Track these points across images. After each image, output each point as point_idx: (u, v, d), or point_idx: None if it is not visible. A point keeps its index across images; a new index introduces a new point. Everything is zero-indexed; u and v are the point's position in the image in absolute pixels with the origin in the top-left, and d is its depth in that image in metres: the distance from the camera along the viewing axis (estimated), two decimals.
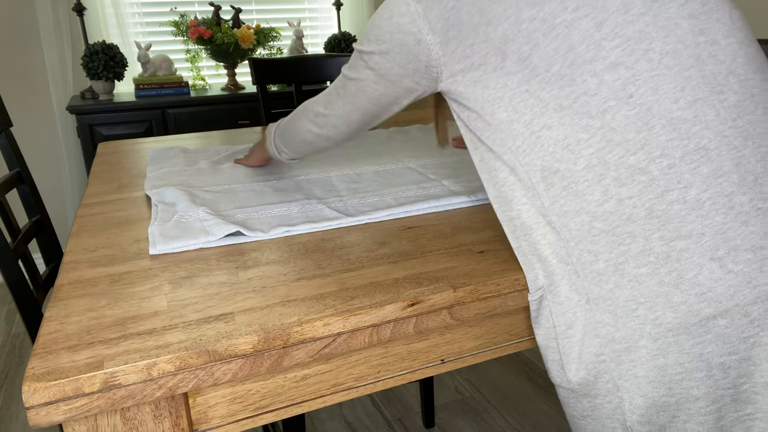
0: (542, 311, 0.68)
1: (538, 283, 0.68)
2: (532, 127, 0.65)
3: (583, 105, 0.62)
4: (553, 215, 0.65)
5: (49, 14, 2.39)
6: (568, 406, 0.69)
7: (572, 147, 0.63)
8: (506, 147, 0.67)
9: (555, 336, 0.67)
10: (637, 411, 0.62)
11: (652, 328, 0.60)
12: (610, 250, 0.62)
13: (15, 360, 2.10)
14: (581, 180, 0.63)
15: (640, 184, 0.61)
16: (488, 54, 0.66)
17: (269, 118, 1.83)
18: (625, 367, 0.62)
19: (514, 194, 0.68)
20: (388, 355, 0.71)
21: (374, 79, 0.77)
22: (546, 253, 0.66)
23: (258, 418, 0.67)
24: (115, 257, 0.79)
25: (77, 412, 0.54)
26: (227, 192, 1.04)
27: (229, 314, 0.63)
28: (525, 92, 0.64)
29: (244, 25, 2.52)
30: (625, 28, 0.63)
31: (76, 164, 2.57)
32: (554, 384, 0.70)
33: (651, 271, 0.60)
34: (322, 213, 0.92)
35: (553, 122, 0.64)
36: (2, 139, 1.19)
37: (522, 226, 0.68)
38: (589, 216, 0.62)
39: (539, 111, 0.64)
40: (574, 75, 0.63)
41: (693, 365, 0.60)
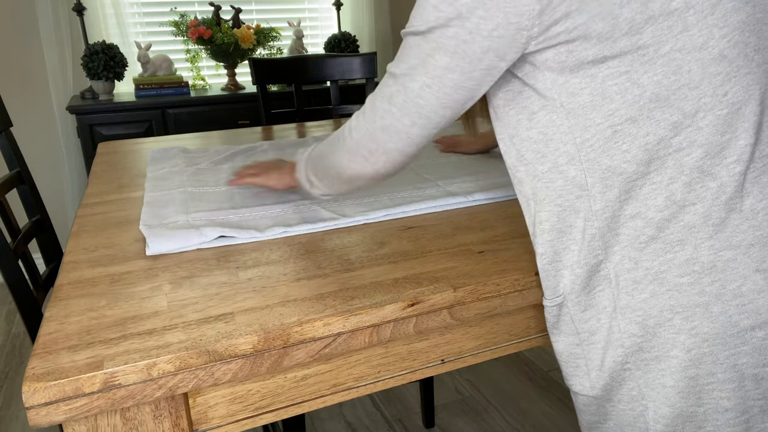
0: (563, 318, 0.67)
1: (559, 290, 0.66)
2: (614, 119, 0.59)
3: (681, 99, 0.58)
4: (600, 220, 0.62)
5: (49, 14, 2.39)
6: (587, 413, 0.68)
7: (650, 147, 0.59)
8: (570, 138, 0.61)
9: (579, 342, 0.66)
10: (662, 420, 0.61)
11: (686, 338, 0.59)
12: (654, 258, 0.60)
13: (15, 360, 2.10)
14: (648, 183, 0.59)
15: (708, 190, 0.58)
16: (597, 16, 0.55)
17: (269, 118, 1.83)
18: (653, 376, 0.61)
19: (547, 193, 0.65)
20: (388, 355, 0.71)
21: (447, 64, 0.60)
22: (574, 260, 0.64)
23: (258, 418, 0.67)
24: (115, 257, 0.79)
25: (77, 412, 0.54)
26: (225, 192, 1.04)
27: (229, 314, 0.63)
28: (624, 74, 0.57)
29: (244, 25, 2.52)
30: (732, 16, 0.57)
31: (76, 164, 2.57)
32: (573, 392, 0.69)
33: (694, 280, 0.59)
34: (318, 214, 0.92)
35: (641, 115, 0.58)
36: (2, 139, 1.19)
37: (548, 231, 0.65)
38: (644, 222, 0.60)
39: (631, 99, 0.58)
40: (682, 62, 0.57)
41: (726, 376, 0.59)
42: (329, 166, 0.78)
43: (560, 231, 0.65)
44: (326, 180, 0.81)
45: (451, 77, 0.61)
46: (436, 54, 0.61)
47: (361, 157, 0.72)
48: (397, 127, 0.67)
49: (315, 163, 0.82)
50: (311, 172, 0.83)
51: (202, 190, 1.05)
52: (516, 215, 0.92)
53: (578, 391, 0.67)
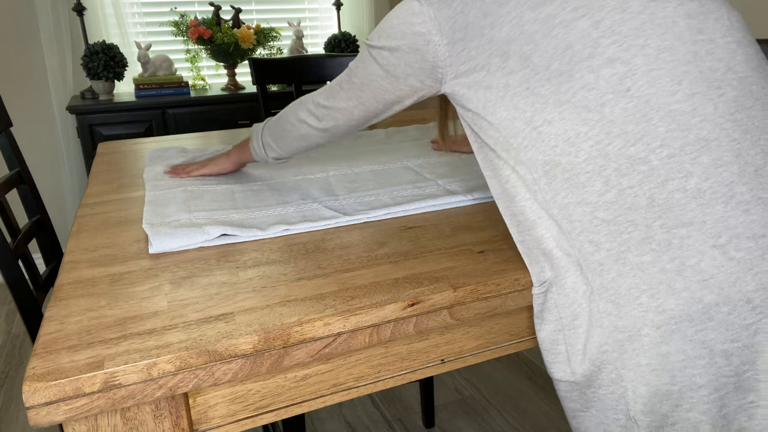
0: (547, 304, 0.68)
1: (543, 277, 0.68)
2: (533, 123, 0.66)
3: (582, 99, 0.64)
4: (555, 208, 0.66)
5: (49, 14, 2.39)
6: (569, 400, 0.69)
7: (573, 140, 0.65)
8: (508, 144, 0.69)
9: (561, 328, 0.67)
10: (640, 400, 0.62)
11: (654, 316, 0.61)
12: (612, 239, 0.63)
13: (15, 360, 2.10)
14: (582, 172, 0.64)
15: (640, 173, 0.62)
16: (492, 55, 0.68)
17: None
18: (628, 356, 0.62)
19: (516, 191, 0.69)
20: (388, 355, 0.71)
21: (381, 75, 0.78)
22: (549, 246, 0.67)
23: (258, 418, 0.67)
24: (115, 257, 0.79)
25: (77, 412, 0.54)
26: (225, 192, 1.04)
27: (229, 314, 0.63)
28: (526, 90, 0.66)
29: (244, 25, 2.52)
30: (622, 26, 0.65)
31: (76, 164, 2.57)
32: (555, 379, 0.70)
33: (653, 258, 0.61)
34: (319, 212, 0.93)
35: (554, 117, 0.65)
36: (2, 139, 1.19)
37: (525, 222, 0.69)
38: (591, 206, 0.64)
39: (540, 107, 0.66)
40: (572, 71, 0.64)
41: (696, 352, 0.60)
42: (286, 126, 0.93)
43: (531, 222, 0.69)
44: (282, 140, 0.95)
45: (382, 84, 0.79)
46: (376, 65, 0.78)
47: (314, 117, 0.88)
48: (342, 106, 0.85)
49: (273, 129, 0.96)
50: (270, 139, 0.97)
51: (202, 188, 1.06)
52: None
53: (560, 378, 0.69)
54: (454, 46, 0.70)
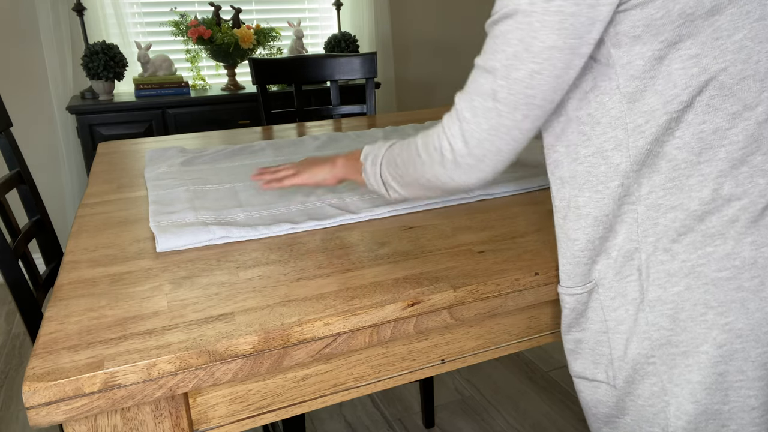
0: (592, 304, 0.66)
1: (589, 277, 0.65)
2: (672, 105, 0.57)
3: (744, 89, 0.57)
4: (642, 206, 0.61)
5: (49, 14, 2.39)
6: (603, 406, 0.67)
7: (705, 136, 0.58)
8: (620, 122, 0.60)
9: (606, 330, 0.65)
10: (684, 417, 0.61)
11: (719, 334, 0.59)
12: (693, 251, 0.59)
13: (15, 360, 2.10)
14: (696, 174, 0.58)
15: (756, 186, 0.58)
16: None
17: (269, 118, 1.83)
18: (678, 372, 0.60)
19: (587, 178, 0.63)
20: (388, 355, 0.71)
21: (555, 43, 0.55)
22: (611, 246, 0.63)
23: (258, 418, 0.67)
24: (115, 257, 0.79)
25: (77, 412, 0.54)
26: (227, 191, 1.04)
27: (230, 314, 0.63)
28: (693, 57, 0.56)
29: (244, 25, 2.52)
30: None
31: (76, 164, 2.57)
32: (591, 380, 0.67)
33: (732, 275, 0.58)
34: (324, 211, 0.93)
35: (701, 102, 0.57)
36: (2, 139, 1.19)
37: (584, 217, 0.64)
38: (685, 213, 0.59)
39: (695, 85, 0.57)
40: (752, 52, 0.56)
41: (756, 374, 0.59)
42: (418, 177, 0.72)
43: (596, 218, 0.63)
44: (411, 188, 0.75)
45: (560, 57, 0.56)
46: (540, 34, 0.55)
47: (465, 168, 0.65)
48: (507, 125, 0.60)
49: (397, 171, 0.76)
50: (390, 178, 0.77)
51: (204, 188, 1.06)
52: (516, 215, 0.91)
53: (602, 380, 0.66)
54: None
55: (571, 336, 0.69)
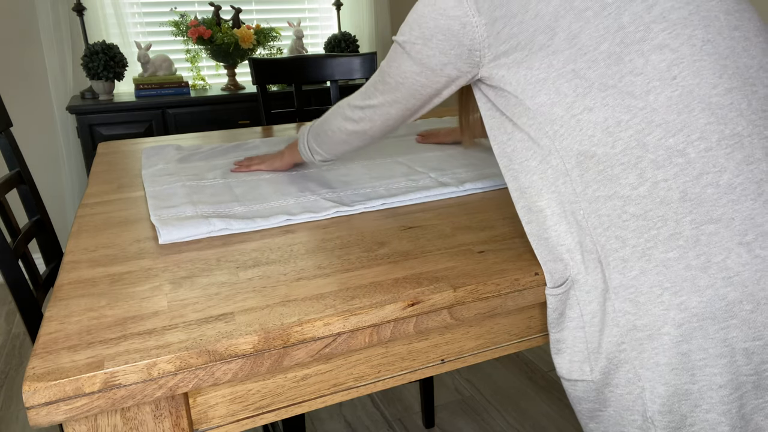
0: (569, 302, 0.68)
1: (564, 275, 0.68)
2: (573, 110, 0.64)
3: (628, 84, 0.63)
4: (584, 201, 0.65)
5: (49, 14, 2.39)
6: (586, 401, 0.69)
7: (611, 129, 0.63)
8: (543, 132, 0.67)
9: (583, 326, 0.67)
10: (658, 400, 0.62)
11: (676, 314, 0.60)
12: (639, 235, 0.62)
13: (15, 360, 2.10)
14: (617, 163, 0.63)
15: (676, 166, 0.61)
16: (536, 32, 0.65)
17: (269, 118, 1.83)
18: (647, 355, 0.62)
19: (543, 183, 0.68)
20: (388, 355, 0.71)
21: (416, 70, 0.74)
22: (571, 243, 0.67)
23: (258, 418, 0.67)
24: (115, 257, 0.79)
25: (77, 412, 0.54)
26: (223, 186, 1.06)
27: (230, 314, 0.63)
28: (571, 72, 0.64)
29: (244, 25, 2.52)
30: (672, 13, 0.64)
31: (76, 164, 2.57)
32: (572, 380, 0.69)
33: (679, 255, 0.60)
34: (318, 203, 0.95)
35: (595, 103, 0.63)
36: (2, 139, 1.19)
37: (546, 218, 0.68)
38: (622, 200, 0.63)
39: (582, 92, 0.64)
40: (622, 54, 0.63)
41: (717, 351, 0.60)
42: (328, 130, 0.93)
43: (559, 215, 0.67)
44: (326, 145, 0.95)
45: (418, 79, 0.75)
46: (409, 61, 0.74)
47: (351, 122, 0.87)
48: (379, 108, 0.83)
49: (316, 132, 0.97)
50: (312, 141, 0.98)
51: (200, 183, 1.08)
52: (516, 215, 0.92)
53: (578, 377, 0.68)
54: (493, 25, 0.67)
55: (553, 336, 0.71)
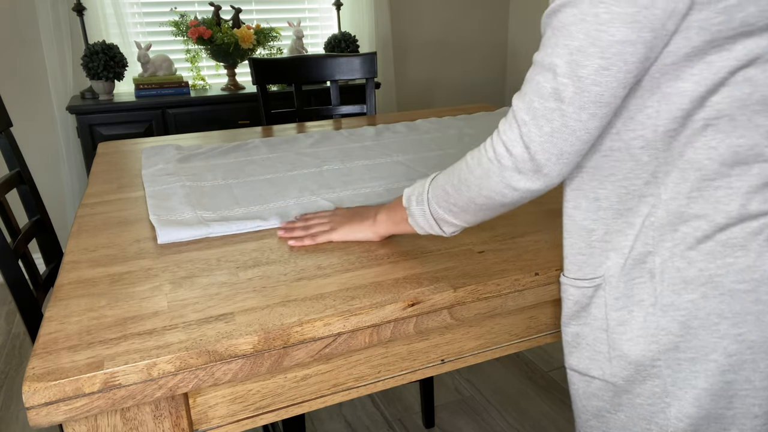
0: (596, 300, 0.65)
1: (600, 272, 0.64)
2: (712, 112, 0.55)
3: None
4: (663, 210, 0.59)
5: (49, 14, 2.39)
6: (597, 398, 0.67)
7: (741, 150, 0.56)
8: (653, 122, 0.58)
9: (606, 328, 0.64)
10: (686, 419, 0.61)
11: (730, 344, 0.58)
12: (712, 260, 0.58)
13: (15, 360, 2.10)
14: (724, 186, 0.57)
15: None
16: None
17: (269, 118, 1.83)
18: (684, 376, 0.60)
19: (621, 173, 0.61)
20: (388, 355, 0.71)
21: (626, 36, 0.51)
22: (625, 245, 0.62)
23: (258, 418, 0.67)
24: (115, 257, 0.79)
25: (77, 412, 0.54)
26: (222, 187, 1.06)
27: (229, 314, 0.63)
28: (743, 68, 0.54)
29: (244, 25, 2.52)
30: None
31: (76, 164, 2.56)
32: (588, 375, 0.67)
33: (751, 288, 0.58)
34: (318, 204, 0.96)
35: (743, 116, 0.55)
36: (2, 139, 1.19)
37: (604, 209, 0.62)
38: (710, 225, 0.58)
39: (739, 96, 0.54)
40: None
41: (762, 384, 0.59)
42: (474, 197, 0.66)
43: (618, 212, 0.62)
44: (466, 214, 0.69)
45: (633, 51, 0.52)
46: (611, 26, 0.50)
47: (528, 174, 0.60)
48: (572, 126, 0.56)
49: (448, 199, 0.69)
50: (442, 211, 0.71)
51: (200, 184, 1.08)
52: (516, 215, 0.91)
53: (597, 375, 0.66)
54: None
55: (571, 329, 0.69)
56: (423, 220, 0.73)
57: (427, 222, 0.73)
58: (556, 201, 0.97)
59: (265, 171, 1.16)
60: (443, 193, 0.70)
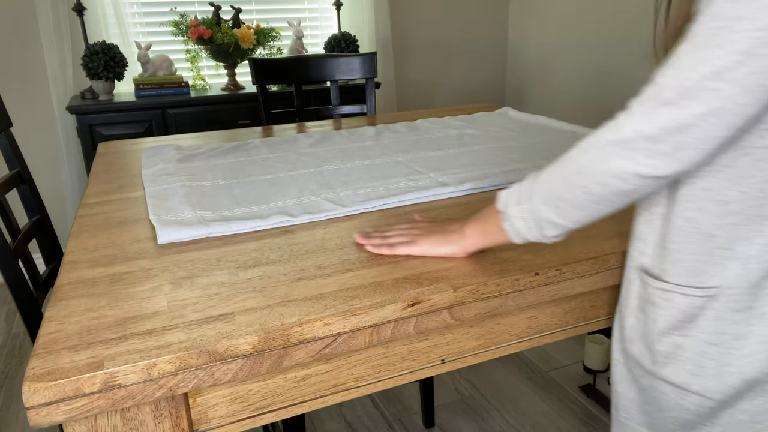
0: (706, 312, 0.60)
1: (714, 281, 0.59)
2: None
3: None
4: None
5: (49, 14, 2.39)
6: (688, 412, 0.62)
7: None
8: None
9: (716, 342, 0.60)
10: None
11: None
12: None
13: (15, 360, 2.10)
14: None
15: None
16: None
17: (269, 118, 1.83)
18: None
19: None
20: (388, 355, 0.71)
21: None
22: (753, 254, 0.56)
23: (258, 418, 0.67)
24: (115, 257, 0.79)
25: (77, 412, 0.54)
26: (222, 187, 1.06)
27: (230, 314, 0.63)
28: None
29: (244, 25, 2.52)
30: None
31: (76, 164, 2.56)
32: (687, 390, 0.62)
33: None
34: (318, 204, 0.95)
35: None
36: (2, 139, 1.19)
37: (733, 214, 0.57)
38: None
39: None
40: None
41: None
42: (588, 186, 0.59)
43: (749, 218, 0.56)
44: (574, 210, 0.62)
45: None
46: None
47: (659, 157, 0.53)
48: (729, 110, 0.50)
49: (553, 192, 0.63)
50: (546, 208, 0.64)
51: (200, 184, 1.08)
52: None
53: (695, 391, 0.61)
54: None
55: (671, 339, 0.62)
56: (522, 223, 0.66)
57: (527, 225, 0.66)
58: None
59: (265, 171, 1.16)
60: (548, 187, 0.63)
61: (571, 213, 0.62)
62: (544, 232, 0.65)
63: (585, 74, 2.85)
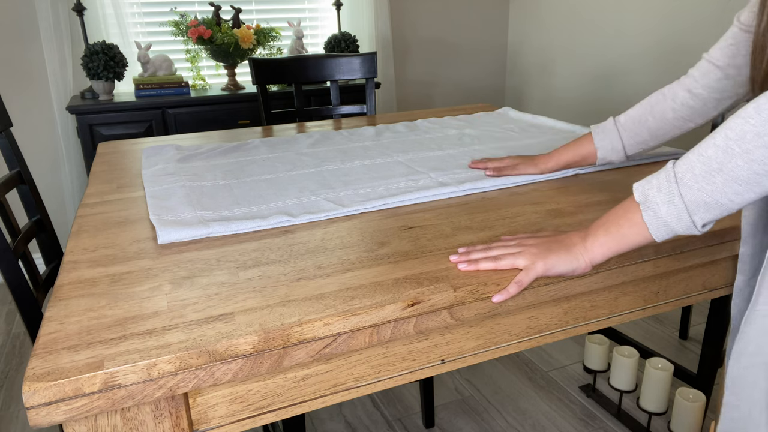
0: None
1: None
2: None
3: None
4: None
5: (49, 14, 2.39)
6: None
7: None
8: None
9: None
10: None
11: None
12: None
13: (15, 360, 2.10)
14: None
15: None
16: None
17: (269, 118, 1.83)
18: None
19: None
20: (388, 355, 0.71)
21: None
22: None
23: (258, 418, 0.67)
24: (115, 257, 0.79)
25: (77, 412, 0.54)
26: (222, 187, 1.06)
27: (229, 314, 0.63)
28: None
29: (244, 25, 2.52)
30: None
31: (76, 164, 2.56)
32: None
33: None
34: (318, 204, 0.95)
35: None
36: (2, 139, 1.19)
37: None
38: None
39: None
40: None
41: None
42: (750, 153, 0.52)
43: None
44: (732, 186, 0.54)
45: None
46: None
47: None
48: None
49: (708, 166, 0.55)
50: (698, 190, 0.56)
51: (200, 184, 1.08)
52: (516, 215, 0.91)
53: None
54: None
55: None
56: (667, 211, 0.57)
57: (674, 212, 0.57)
58: (556, 201, 0.97)
59: (265, 171, 1.16)
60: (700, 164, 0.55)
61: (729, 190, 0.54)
62: (694, 218, 0.57)
63: (585, 74, 2.85)
